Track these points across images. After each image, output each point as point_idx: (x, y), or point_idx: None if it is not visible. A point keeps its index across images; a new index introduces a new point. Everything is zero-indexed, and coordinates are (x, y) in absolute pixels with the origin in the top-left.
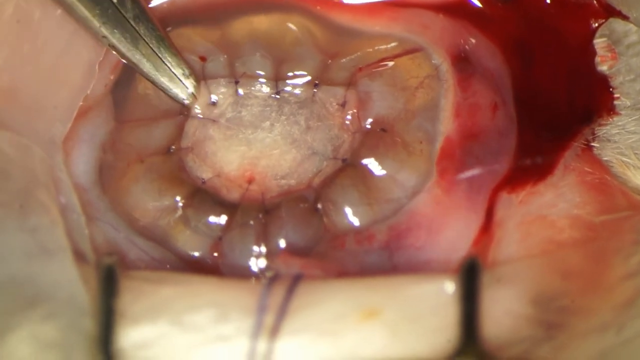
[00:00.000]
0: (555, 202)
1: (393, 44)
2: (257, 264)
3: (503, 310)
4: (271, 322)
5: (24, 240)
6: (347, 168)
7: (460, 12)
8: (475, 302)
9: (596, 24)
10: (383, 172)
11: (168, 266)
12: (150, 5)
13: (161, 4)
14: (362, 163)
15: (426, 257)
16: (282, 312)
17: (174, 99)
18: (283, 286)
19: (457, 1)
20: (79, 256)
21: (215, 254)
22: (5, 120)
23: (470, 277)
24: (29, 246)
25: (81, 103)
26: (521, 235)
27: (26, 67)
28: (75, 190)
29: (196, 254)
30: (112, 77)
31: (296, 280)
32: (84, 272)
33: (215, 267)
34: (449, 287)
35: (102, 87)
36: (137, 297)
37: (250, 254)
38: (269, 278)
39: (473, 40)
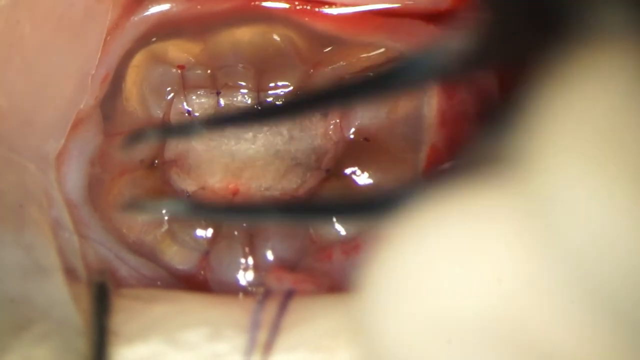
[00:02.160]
0: None
1: (376, 52)
2: (245, 276)
3: None
4: (264, 339)
5: (20, 257)
6: (331, 178)
7: (449, 21)
8: None
9: None
10: (367, 181)
11: (159, 282)
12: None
13: (150, 17)
14: (345, 173)
15: None
16: (275, 329)
17: None
18: (275, 302)
19: (447, 10)
20: (71, 274)
21: (204, 268)
22: (1, 135)
23: None
24: (24, 263)
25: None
26: None
27: (18, 82)
28: (67, 207)
29: (185, 268)
30: (102, 90)
31: (288, 297)
32: (76, 291)
33: (204, 281)
34: None
35: (93, 100)
36: (129, 316)
37: (238, 266)
38: (262, 294)
39: None
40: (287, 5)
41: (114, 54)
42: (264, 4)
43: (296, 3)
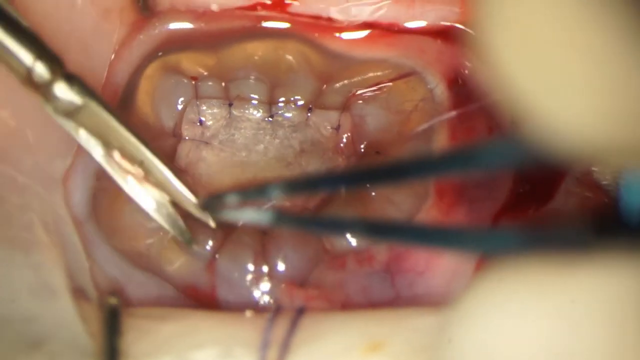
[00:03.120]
0: None
1: (388, 69)
2: (256, 285)
3: None
4: (274, 357)
5: (29, 277)
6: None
7: (458, 36)
8: None
9: None
10: (378, 193)
11: (167, 300)
12: (143, 36)
13: (157, 34)
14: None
15: (427, 284)
16: (286, 347)
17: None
18: (286, 319)
19: (455, 25)
20: (80, 294)
21: (212, 277)
22: (6, 157)
23: None
24: (33, 283)
25: None
26: None
27: (24, 100)
28: (74, 226)
29: (191, 278)
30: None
31: (299, 314)
32: (86, 311)
33: (211, 294)
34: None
35: None
36: (140, 336)
37: (247, 274)
38: (272, 311)
39: (470, 64)
40: (294, 23)
41: (122, 71)
42: (274, 22)
43: (304, 20)
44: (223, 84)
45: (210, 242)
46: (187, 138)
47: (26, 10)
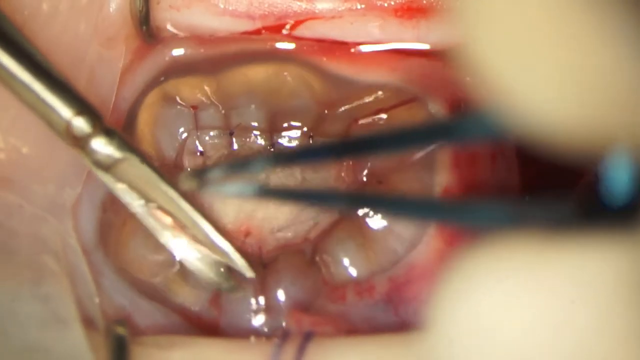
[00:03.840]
0: None
1: (390, 95)
2: (257, 318)
3: None
4: None
5: (38, 309)
6: (344, 220)
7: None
8: None
9: None
10: (379, 223)
11: (174, 328)
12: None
13: (162, 61)
14: (358, 214)
15: None
16: None
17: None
18: (294, 345)
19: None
20: (89, 323)
21: (216, 310)
22: (15, 185)
23: None
24: (42, 315)
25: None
26: None
27: (37, 129)
28: (83, 255)
29: (196, 309)
30: None
31: (307, 339)
32: (94, 341)
33: (216, 324)
34: None
35: None
36: None
37: (249, 307)
38: (280, 337)
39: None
40: (299, 46)
41: (127, 99)
42: (276, 44)
43: (308, 44)
44: (223, 111)
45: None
46: (188, 169)
47: (35, 37)
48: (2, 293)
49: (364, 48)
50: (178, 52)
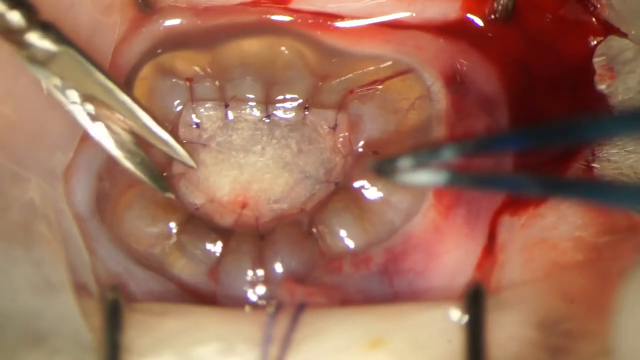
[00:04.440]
0: (557, 225)
1: (384, 65)
2: (253, 290)
3: (508, 336)
4: (276, 354)
5: (30, 273)
6: (340, 191)
7: (458, 33)
8: (480, 328)
9: (595, 42)
10: (375, 194)
11: (170, 296)
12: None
13: (158, 31)
14: (354, 186)
15: (428, 283)
16: (287, 343)
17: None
18: (287, 316)
19: (455, 21)
20: (82, 289)
21: (212, 281)
22: (6, 150)
23: (474, 303)
24: (34, 279)
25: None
26: (524, 259)
27: (27, 94)
28: (75, 221)
29: (193, 280)
30: None
31: (300, 309)
32: (87, 306)
33: (213, 294)
34: (454, 314)
35: None
36: (142, 331)
37: (246, 279)
38: (273, 307)
39: (468, 62)
40: (296, 19)
41: (123, 68)
42: (272, 17)
43: (305, 16)
44: (218, 83)
45: (212, 249)
46: (184, 141)
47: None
48: None
49: (359, 21)
50: (174, 22)
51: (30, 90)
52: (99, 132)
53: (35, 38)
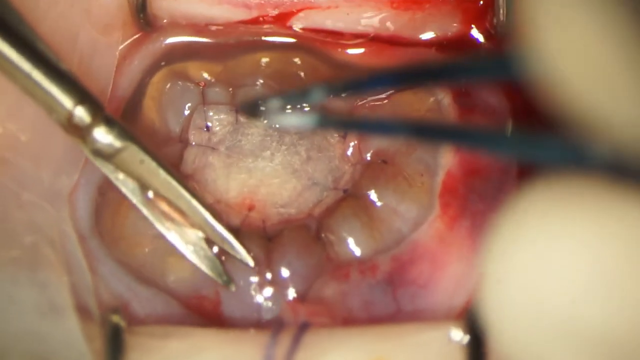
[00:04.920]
0: None
1: None
2: (260, 292)
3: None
4: None
5: (35, 296)
6: (348, 198)
7: (460, 47)
8: (482, 347)
9: None
10: (384, 203)
11: (172, 317)
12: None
13: (159, 48)
14: (363, 194)
15: (430, 298)
16: None
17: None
18: (289, 336)
19: (456, 36)
20: (84, 313)
21: (215, 287)
22: (12, 171)
23: (476, 322)
24: (39, 302)
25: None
26: None
27: (33, 115)
28: (79, 242)
29: (195, 287)
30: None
31: (302, 330)
32: (89, 330)
33: (216, 306)
34: (456, 333)
35: None
36: (143, 354)
37: (251, 280)
38: (275, 327)
39: None
40: (296, 40)
41: (126, 84)
42: (274, 36)
43: (306, 34)
44: (230, 89)
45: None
46: (193, 144)
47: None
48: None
49: (360, 39)
50: (175, 40)
51: (36, 110)
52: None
53: (100, 134)
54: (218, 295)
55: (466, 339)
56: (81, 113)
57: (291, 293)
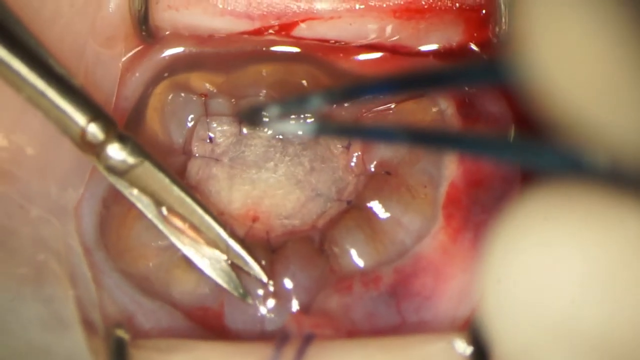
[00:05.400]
0: None
1: None
2: (264, 304)
3: None
4: None
5: (40, 311)
6: (352, 210)
7: (463, 57)
8: (486, 359)
9: None
10: (387, 214)
11: (177, 330)
12: (149, 60)
13: (162, 59)
14: (366, 205)
15: (434, 310)
16: None
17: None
18: (293, 349)
19: (459, 46)
20: (89, 327)
21: (219, 297)
22: (17, 184)
23: (479, 334)
24: (44, 317)
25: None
26: None
27: (40, 128)
28: (84, 255)
29: (200, 299)
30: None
31: (307, 342)
32: (94, 344)
33: (220, 318)
34: (460, 345)
35: None
36: None
37: (255, 292)
38: (279, 339)
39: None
40: (300, 50)
41: (128, 98)
42: (277, 46)
43: (309, 44)
44: (233, 100)
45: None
46: (197, 155)
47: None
48: (4, 292)
49: (363, 49)
50: (177, 51)
51: (41, 121)
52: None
53: (113, 150)
54: (222, 307)
55: (469, 350)
56: (94, 130)
57: (294, 305)
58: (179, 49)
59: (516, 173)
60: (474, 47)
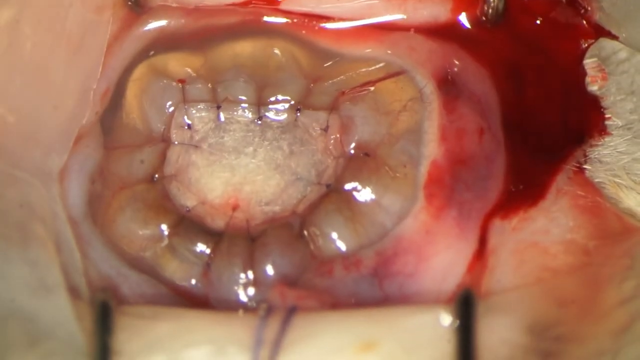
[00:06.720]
0: (549, 228)
1: (377, 67)
2: (245, 292)
3: (499, 340)
4: (267, 356)
5: (26, 274)
6: (331, 193)
7: (449, 34)
8: (471, 332)
9: (586, 45)
10: (367, 196)
11: (162, 299)
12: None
13: (149, 31)
14: (346, 188)
15: (417, 286)
16: (278, 346)
17: None
18: (278, 319)
19: (446, 23)
20: (74, 292)
21: (204, 283)
22: (2, 151)
23: (465, 307)
24: (30, 280)
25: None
26: (515, 263)
27: (22, 97)
28: (69, 224)
29: (185, 283)
30: (102, 105)
31: (291, 313)
32: (79, 309)
33: (205, 297)
34: (445, 318)
35: (94, 115)
36: (132, 335)
37: (238, 282)
38: (264, 310)
39: (460, 63)
40: (287, 20)
41: (115, 68)
42: (264, 19)
43: (296, 18)
44: (210, 85)
45: (204, 250)
46: (176, 142)
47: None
48: None
49: (350, 23)
50: (164, 23)
51: (25, 90)
52: None
53: None
54: (207, 294)
55: (455, 323)
56: None
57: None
58: (166, 21)
59: (500, 152)
60: (465, 22)
